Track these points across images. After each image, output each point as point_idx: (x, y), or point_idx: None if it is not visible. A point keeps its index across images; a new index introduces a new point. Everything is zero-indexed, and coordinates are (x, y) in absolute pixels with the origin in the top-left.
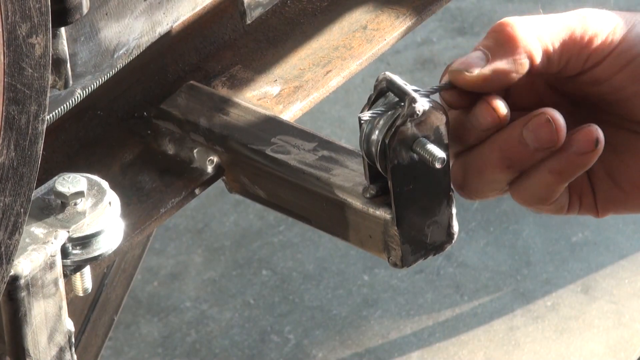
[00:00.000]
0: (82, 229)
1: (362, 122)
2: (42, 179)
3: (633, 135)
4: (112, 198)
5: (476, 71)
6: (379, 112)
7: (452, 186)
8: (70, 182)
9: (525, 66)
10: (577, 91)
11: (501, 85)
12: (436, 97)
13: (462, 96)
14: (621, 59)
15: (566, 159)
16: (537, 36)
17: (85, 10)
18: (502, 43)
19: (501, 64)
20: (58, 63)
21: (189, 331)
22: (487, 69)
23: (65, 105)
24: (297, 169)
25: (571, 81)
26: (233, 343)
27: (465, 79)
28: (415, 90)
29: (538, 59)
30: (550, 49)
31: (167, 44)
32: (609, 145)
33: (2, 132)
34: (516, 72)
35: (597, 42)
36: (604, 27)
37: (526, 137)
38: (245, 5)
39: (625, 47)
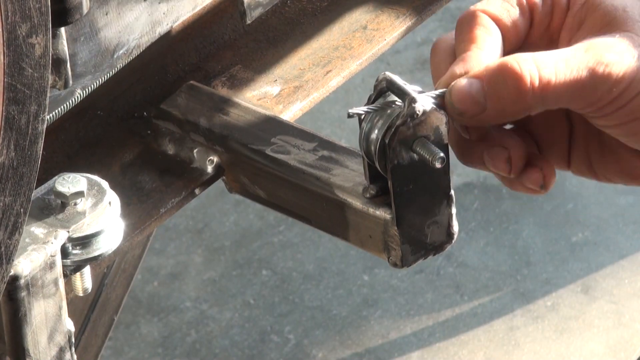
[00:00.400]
0: (82, 229)
1: (350, 116)
2: (42, 179)
3: (620, 142)
4: (112, 198)
5: (468, 117)
6: (373, 108)
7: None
8: (70, 182)
9: (520, 117)
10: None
11: (491, 124)
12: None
13: None
14: (623, 117)
15: (518, 184)
16: (543, 92)
17: (85, 10)
18: (506, 96)
19: (496, 115)
20: (58, 63)
21: (189, 331)
22: (480, 117)
23: (65, 105)
24: (297, 169)
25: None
26: (233, 343)
27: (459, 118)
28: (415, 91)
29: (537, 110)
30: (555, 105)
31: (167, 44)
32: (596, 139)
33: (2, 132)
34: (510, 120)
35: (603, 102)
36: (613, 88)
37: (485, 160)
38: (245, 5)
39: (632, 109)
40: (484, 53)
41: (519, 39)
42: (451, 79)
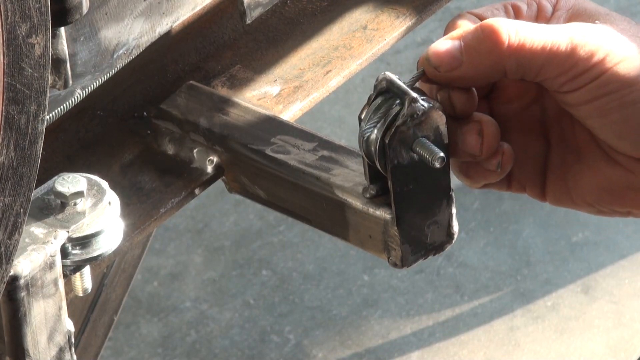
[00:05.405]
0: (81, 229)
1: (362, 122)
2: (42, 179)
3: (600, 151)
4: (112, 198)
5: (444, 71)
6: (380, 116)
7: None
8: (70, 182)
9: (496, 78)
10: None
11: (468, 86)
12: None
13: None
14: (594, 92)
15: (475, 166)
16: (519, 50)
17: (85, 10)
18: (482, 50)
19: (473, 71)
20: (58, 63)
21: (189, 331)
22: (455, 73)
23: (65, 105)
24: (297, 169)
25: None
26: (233, 343)
27: (435, 75)
28: (415, 90)
29: (511, 73)
30: (529, 66)
31: (167, 44)
32: (575, 154)
33: (2, 132)
34: (486, 80)
35: (577, 71)
36: (591, 57)
37: (457, 139)
38: (245, 5)
39: (603, 82)
40: None
41: None
42: None
